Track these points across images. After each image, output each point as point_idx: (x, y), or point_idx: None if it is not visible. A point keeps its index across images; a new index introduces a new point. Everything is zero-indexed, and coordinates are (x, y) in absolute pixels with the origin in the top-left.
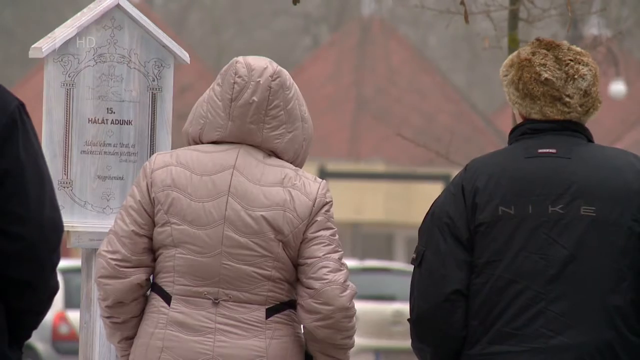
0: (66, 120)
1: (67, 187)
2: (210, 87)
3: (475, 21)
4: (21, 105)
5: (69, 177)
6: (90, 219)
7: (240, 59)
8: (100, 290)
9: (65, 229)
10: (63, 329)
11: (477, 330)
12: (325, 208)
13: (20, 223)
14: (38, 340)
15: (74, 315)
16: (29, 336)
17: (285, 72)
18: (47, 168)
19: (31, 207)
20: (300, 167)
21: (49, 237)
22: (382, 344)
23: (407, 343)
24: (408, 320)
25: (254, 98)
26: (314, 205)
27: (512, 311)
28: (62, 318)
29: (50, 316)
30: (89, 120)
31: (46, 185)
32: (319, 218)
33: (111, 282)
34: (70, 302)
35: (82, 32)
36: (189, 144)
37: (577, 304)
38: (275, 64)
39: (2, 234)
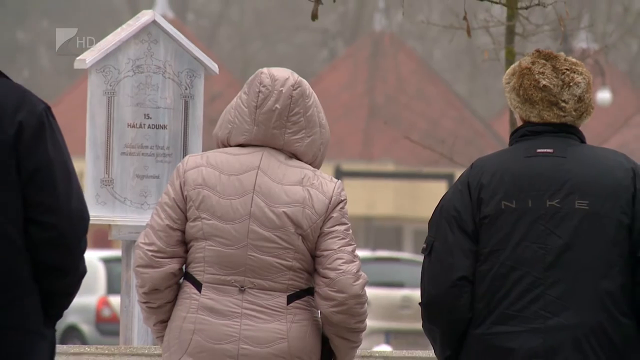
0: (108, 125)
1: (109, 185)
2: (238, 95)
3: (476, 36)
4: (48, 108)
5: (110, 176)
6: (130, 214)
7: (265, 70)
8: (138, 278)
9: (107, 223)
10: (105, 312)
11: (482, 312)
12: (340, 205)
13: (51, 213)
14: (83, 322)
15: (115, 300)
16: (60, 315)
17: (305, 82)
18: (72, 165)
19: (60, 199)
20: (318, 168)
21: (77, 225)
22: (391, 326)
23: (414, 325)
24: (419, 304)
25: (277, 105)
26: (330, 203)
27: (514, 295)
28: (104, 302)
29: (94, 301)
30: (128, 125)
31: (72, 180)
32: (334, 214)
33: (148, 271)
34: (112, 289)
35: (122, 46)
36: (218, 147)
37: (573, 288)
38: (296, 75)
39: (35, 223)
